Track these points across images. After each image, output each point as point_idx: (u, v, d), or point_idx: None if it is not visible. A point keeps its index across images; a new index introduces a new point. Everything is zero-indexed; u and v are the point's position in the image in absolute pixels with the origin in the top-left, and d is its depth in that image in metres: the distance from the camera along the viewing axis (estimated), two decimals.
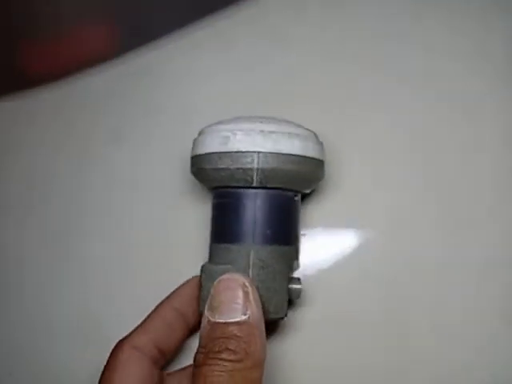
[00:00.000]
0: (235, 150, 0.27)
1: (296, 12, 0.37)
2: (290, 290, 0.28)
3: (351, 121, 0.34)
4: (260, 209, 0.28)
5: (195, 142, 0.29)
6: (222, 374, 0.22)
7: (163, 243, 0.34)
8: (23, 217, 0.37)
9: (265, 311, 0.26)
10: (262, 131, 0.27)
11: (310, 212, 0.33)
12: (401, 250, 0.32)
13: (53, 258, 0.35)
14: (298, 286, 0.28)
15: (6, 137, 0.39)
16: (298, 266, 0.30)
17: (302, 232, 0.31)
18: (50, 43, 0.38)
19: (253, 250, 0.27)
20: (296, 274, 0.30)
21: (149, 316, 0.29)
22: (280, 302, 0.27)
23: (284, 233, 0.28)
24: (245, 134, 0.27)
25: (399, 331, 0.31)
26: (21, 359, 0.34)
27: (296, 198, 0.29)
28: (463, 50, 0.34)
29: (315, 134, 0.29)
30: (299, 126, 0.29)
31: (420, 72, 0.34)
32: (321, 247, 0.33)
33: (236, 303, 0.24)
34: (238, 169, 0.27)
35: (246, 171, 0.27)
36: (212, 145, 0.28)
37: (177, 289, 0.30)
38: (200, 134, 0.29)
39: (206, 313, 0.24)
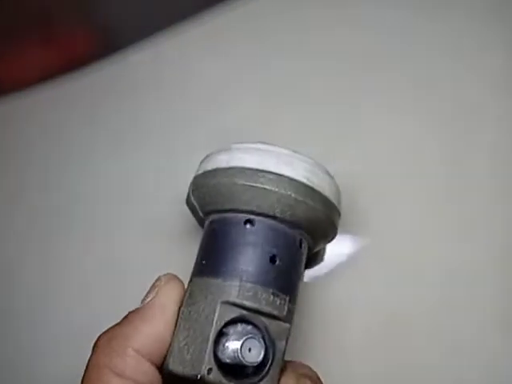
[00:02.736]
0: None
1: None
2: (216, 345, 0.21)
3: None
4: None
5: None
6: None
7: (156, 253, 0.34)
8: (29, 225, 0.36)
9: (177, 361, 0.22)
10: None
11: None
12: (401, 256, 0.32)
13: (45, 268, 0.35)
14: (231, 345, 0.21)
15: None
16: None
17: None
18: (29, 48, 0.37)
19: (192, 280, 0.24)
20: None
21: None
22: (196, 354, 0.21)
23: (210, 261, 0.24)
24: None
25: (399, 337, 0.31)
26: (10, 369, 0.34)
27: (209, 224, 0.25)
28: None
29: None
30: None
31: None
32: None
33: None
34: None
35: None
36: None
37: None
38: None
39: None
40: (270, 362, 0.22)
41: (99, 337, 0.22)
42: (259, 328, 0.22)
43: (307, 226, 0.24)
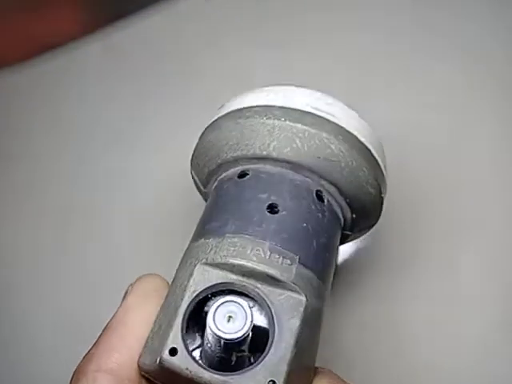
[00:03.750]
0: None
1: None
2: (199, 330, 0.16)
3: None
4: None
5: None
6: None
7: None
8: (19, 214, 0.35)
9: (147, 352, 0.17)
10: None
11: None
12: (401, 256, 0.31)
13: (49, 257, 0.34)
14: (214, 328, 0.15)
15: None
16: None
17: None
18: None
19: None
20: None
21: None
22: (164, 335, 0.15)
23: (198, 227, 0.19)
24: None
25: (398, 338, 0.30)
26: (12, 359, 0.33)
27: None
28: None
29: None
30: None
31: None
32: None
33: None
34: None
35: None
36: None
37: None
38: None
39: None
40: (270, 342, 0.15)
41: None
42: (250, 297, 0.16)
43: (322, 169, 0.18)
